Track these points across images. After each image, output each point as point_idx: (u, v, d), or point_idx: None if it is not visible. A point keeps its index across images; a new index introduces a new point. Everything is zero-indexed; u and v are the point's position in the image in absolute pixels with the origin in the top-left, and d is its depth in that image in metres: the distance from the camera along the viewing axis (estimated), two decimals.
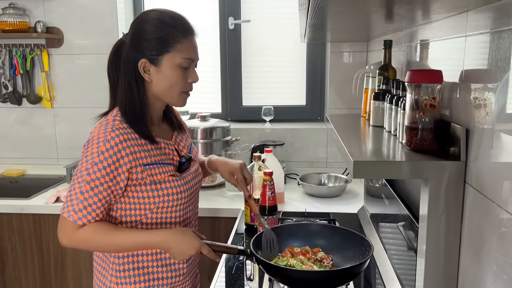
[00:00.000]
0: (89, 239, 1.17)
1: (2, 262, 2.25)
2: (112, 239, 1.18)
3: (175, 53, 1.20)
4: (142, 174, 1.20)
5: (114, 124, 1.19)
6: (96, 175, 1.15)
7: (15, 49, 2.62)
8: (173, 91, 1.24)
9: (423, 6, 0.93)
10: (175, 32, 1.21)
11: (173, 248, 1.20)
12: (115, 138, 1.16)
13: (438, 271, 0.98)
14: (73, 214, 1.15)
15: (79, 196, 1.15)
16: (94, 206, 1.16)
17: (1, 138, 2.77)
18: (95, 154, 1.15)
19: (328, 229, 1.48)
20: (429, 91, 0.98)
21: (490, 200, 0.82)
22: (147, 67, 1.21)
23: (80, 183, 1.15)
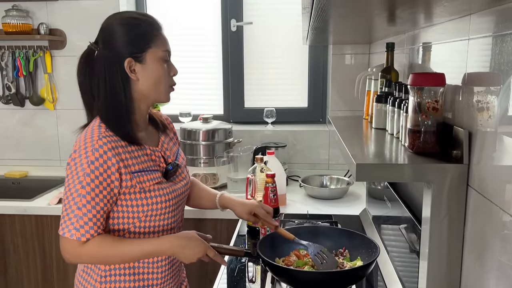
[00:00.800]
0: (95, 254, 1.15)
1: (5, 263, 2.26)
2: (118, 251, 1.16)
3: (156, 47, 1.21)
4: (132, 182, 1.18)
5: (100, 132, 1.17)
6: (90, 187, 1.12)
7: (18, 51, 2.63)
8: (160, 86, 1.23)
9: (426, 10, 0.93)
10: (151, 27, 1.22)
11: (179, 254, 1.20)
12: (103, 146, 1.14)
13: (441, 274, 0.98)
14: (75, 232, 1.13)
15: (78, 213, 1.12)
16: (94, 220, 1.14)
17: (4, 139, 2.78)
18: (85, 165, 1.12)
19: (334, 230, 1.48)
20: (431, 94, 0.99)
21: (493, 203, 0.82)
22: (133, 66, 1.20)
23: (75, 198, 1.12)
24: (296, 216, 1.91)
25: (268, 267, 1.25)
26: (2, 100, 2.71)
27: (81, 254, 1.15)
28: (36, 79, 2.70)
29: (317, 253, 1.29)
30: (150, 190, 1.21)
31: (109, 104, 1.20)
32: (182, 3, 2.75)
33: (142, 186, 1.20)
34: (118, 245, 1.17)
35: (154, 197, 1.22)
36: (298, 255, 1.33)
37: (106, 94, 1.20)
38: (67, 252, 1.16)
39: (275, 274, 1.25)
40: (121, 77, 1.19)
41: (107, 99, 1.20)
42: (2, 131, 2.77)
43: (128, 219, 1.22)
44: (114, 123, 1.19)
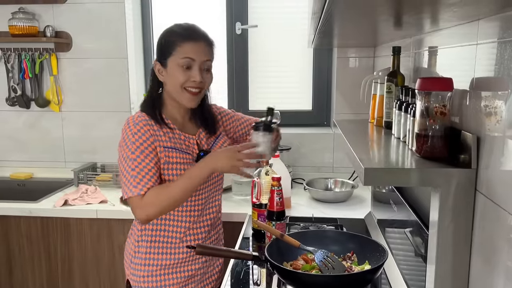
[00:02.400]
0: (158, 198, 1.34)
1: (10, 265, 2.27)
2: (174, 186, 1.35)
3: (176, 56, 1.40)
4: (161, 154, 1.39)
5: (140, 114, 1.44)
6: (138, 151, 1.35)
7: (24, 53, 2.65)
8: (176, 88, 1.42)
9: (435, 15, 0.93)
10: (177, 38, 1.41)
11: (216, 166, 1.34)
12: (140, 123, 1.39)
13: (448, 279, 0.98)
14: (134, 189, 1.33)
15: (132, 173, 1.34)
16: (147, 176, 1.34)
17: (9, 141, 2.79)
18: (130, 136, 1.37)
19: (342, 235, 1.49)
20: (439, 98, 0.99)
21: (501, 208, 0.82)
22: (160, 69, 1.44)
23: (128, 163, 1.35)
24: (301, 219, 1.92)
25: (276, 271, 1.25)
26: (8, 102, 2.72)
27: (146, 204, 1.34)
28: (42, 81, 2.72)
29: (323, 258, 1.29)
30: (177, 168, 1.41)
31: (147, 97, 1.51)
32: (188, 6, 2.76)
33: (169, 161, 1.40)
34: (171, 184, 1.36)
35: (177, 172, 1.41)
36: (306, 259, 1.33)
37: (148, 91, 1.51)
38: (136, 209, 1.36)
39: (283, 278, 1.26)
40: (153, 77, 1.48)
41: (147, 94, 1.51)
42: (8, 132, 2.78)
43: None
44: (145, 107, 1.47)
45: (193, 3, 2.75)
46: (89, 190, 2.36)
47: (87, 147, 2.73)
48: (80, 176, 2.56)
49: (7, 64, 2.68)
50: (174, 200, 1.37)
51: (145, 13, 2.80)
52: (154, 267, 1.49)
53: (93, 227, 2.18)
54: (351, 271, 1.27)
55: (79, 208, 2.17)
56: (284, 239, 1.36)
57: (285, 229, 1.67)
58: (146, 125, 1.39)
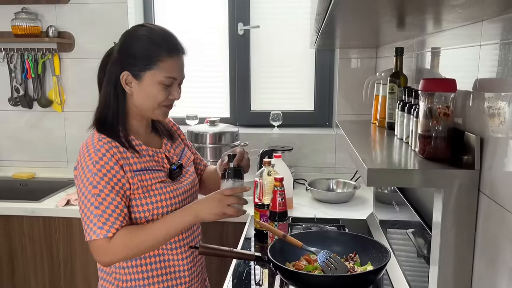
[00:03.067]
0: (126, 243, 1.16)
1: (12, 265, 2.27)
2: (148, 233, 1.18)
3: (157, 71, 1.20)
4: (133, 180, 1.19)
5: (100, 136, 1.21)
6: (101, 184, 1.14)
7: (27, 53, 2.65)
8: (151, 105, 1.24)
9: (439, 16, 0.93)
10: (160, 51, 1.20)
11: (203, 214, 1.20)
12: (104, 146, 1.17)
13: (451, 279, 0.98)
14: (99, 232, 1.14)
15: (96, 212, 1.14)
16: (115, 214, 1.15)
17: (12, 141, 2.80)
18: (90, 166, 1.15)
19: (344, 235, 1.49)
20: (442, 99, 0.99)
21: (504, 209, 0.82)
22: (129, 79, 1.22)
23: (90, 200, 1.15)
24: (303, 220, 1.92)
25: (279, 272, 1.25)
26: (11, 102, 2.73)
27: (113, 249, 1.15)
28: (44, 81, 2.72)
29: (326, 259, 1.30)
30: (153, 189, 1.23)
31: (102, 106, 1.25)
32: (190, 7, 2.76)
33: (144, 185, 1.21)
34: (145, 228, 1.18)
35: (158, 195, 1.23)
36: (309, 260, 1.33)
37: (102, 96, 1.25)
38: (99, 254, 1.17)
39: (286, 278, 1.26)
40: (116, 87, 1.23)
41: (102, 101, 1.25)
42: (10, 132, 2.79)
43: (136, 220, 1.22)
44: (105, 130, 1.22)
45: (195, 3, 2.75)
46: None
47: None
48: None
49: (9, 64, 2.69)
50: (145, 247, 1.19)
51: (148, 14, 2.81)
52: None
53: None
54: (353, 272, 1.27)
55: None
56: (286, 240, 1.36)
57: (287, 229, 1.67)
58: (111, 149, 1.18)
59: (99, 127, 1.23)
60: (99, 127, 1.23)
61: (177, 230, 1.21)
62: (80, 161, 1.19)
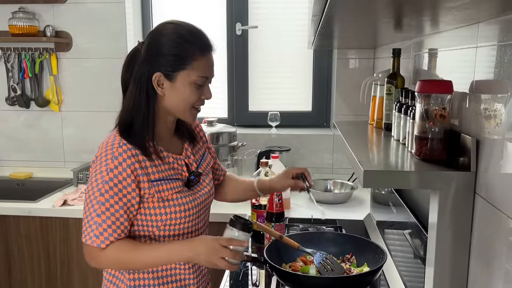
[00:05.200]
0: (114, 259, 1.16)
1: (9, 265, 2.27)
2: (135, 257, 1.16)
3: (191, 70, 1.16)
4: (150, 190, 1.16)
5: (121, 141, 1.16)
6: (109, 194, 1.12)
7: (24, 53, 2.65)
8: (184, 106, 1.20)
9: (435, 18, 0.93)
10: (193, 49, 1.16)
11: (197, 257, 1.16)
12: (123, 154, 1.13)
13: (447, 281, 0.98)
14: (95, 239, 1.14)
15: (97, 220, 1.13)
16: (113, 227, 1.13)
17: (8, 140, 2.79)
18: (104, 172, 1.12)
19: (341, 236, 1.49)
20: (439, 101, 0.99)
21: (500, 211, 0.82)
22: (161, 81, 1.17)
23: (95, 206, 1.13)
24: (300, 220, 1.92)
25: (275, 273, 1.25)
26: (8, 102, 2.72)
27: (102, 259, 1.16)
28: (42, 81, 2.72)
29: (322, 260, 1.29)
30: (168, 200, 1.19)
31: (129, 109, 1.18)
32: (188, 7, 2.76)
33: (160, 196, 1.17)
34: (134, 251, 1.16)
35: (173, 206, 1.20)
36: (305, 261, 1.33)
37: (130, 99, 1.18)
38: (90, 258, 1.18)
39: (282, 279, 1.26)
40: (147, 89, 1.17)
41: (129, 104, 1.19)
42: (7, 132, 2.78)
43: (148, 227, 1.20)
44: (129, 135, 1.17)
45: (193, 3, 2.75)
46: None
47: (86, 147, 2.72)
48: (80, 176, 2.55)
49: (7, 64, 2.68)
50: (132, 268, 1.20)
51: (145, 13, 2.80)
52: None
53: None
54: (350, 273, 1.27)
55: (78, 208, 2.17)
56: (283, 241, 1.36)
57: (284, 230, 1.67)
58: (129, 158, 1.13)
59: (122, 131, 1.18)
60: (122, 131, 1.18)
61: (167, 263, 1.20)
62: (96, 161, 1.16)
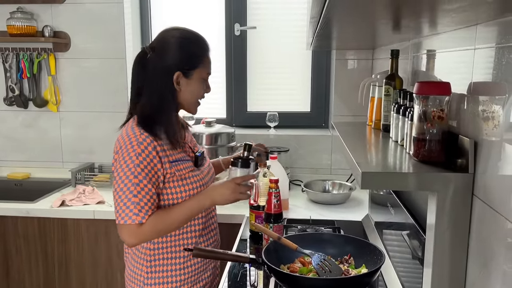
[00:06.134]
0: (156, 227, 1.30)
1: (7, 265, 2.26)
2: (172, 217, 1.32)
3: (203, 68, 1.38)
4: (171, 170, 1.33)
5: (140, 129, 1.32)
6: (143, 174, 1.27)
7: (23, 53, 2.64)
8: (194, 99, 1.42)
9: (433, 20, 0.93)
10: (203, 50, 1.39)
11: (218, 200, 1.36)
12: (146, 139, 1.30)
13: (445, 282, 0.98)
14: (135, 217, 1.27)
15: (134, 200, 1.27)
16: (149, 203, 1.29)
17: (7, 140, 2.79)
18: (134, 158, 1.27)
19: (339, 238, 1.49)
20: (437, 102, 0.99)
21: (498, 213, 0.82)
22: (180, 78, 1.36)
23: (130, 188, 1.27)
24: (298, 221, 1.92)
25: (273, 274, 1.25)
26: (6, 102, 2.71)
27: (144, 232, 1.29)
28: (40, 81, 2.71)
29: (320, 261, 1.29)
30: (186, 178, 1.38)
31: (148, 106, 1.35)
32: (186, 7, 2.76)
33: (180, 174, 1.36)
34: (170, 213, 1.33)
35: (190, 183, 1.38)
36: (303, 262, 1.33)
37: (152, 96, 1.35)
38: (130, 236, 1.29)
39: (280, 281, 1.26)
40: (168, 86, 1.35)
41: (152, 100, 1.35)
42: (5, 132, 2.78)
43: (166, 205, 1.36)
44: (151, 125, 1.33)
45: (192, 4, 2.75)
46: (86, 190, 2.35)
47: (84, 147, 2.72)
48: (78, 177, 2.55)
49: (5, 64, 2.68)
50: (171, 229, 1.36)
51: (144, 14, 2.80)
52: (175, 283, 1.41)
53: (90, 228, 2.17)
54: (348, 275, 1.27)
55: (76, 208, 2.17)
56: (281, 242, 1.36)
57: (282, 231, 1.67)
58: (151, 143, 1.30)
59: (142, 122, 1.33)
60: (142, 122, 1.33)
61: (196, 213, 1.38)
62: (121, 151, 1.30)
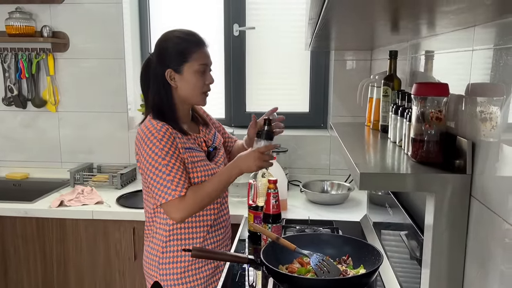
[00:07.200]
0: (197, 198, 1.42)
1: (5, 265, 2.26)
2: (208, 188, 1.44)
3: (193, 61, 1.48)
4: (184, 155, 1.47)
5: (156, 120, 1.48)
6: (169, 156, 1.42)
7: (21, 53, 2.64)
8: (194, 92, 1.51)
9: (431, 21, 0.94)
10: (190, 45, 1.49)
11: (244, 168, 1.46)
12: (163, 127, 1.45)
13: (443, 282, 0.99)
14: (175, 193, 1.40)
15: (169, 178, 1.40)
16: (182, 178, 1.42)
17: (5, 141, 2.78)
18: (157, 143, 1.42)
19: (337, 238, 1.49)
20: (435, 104, 0.99)
21: (495, 214, 0.83)
22: (172, 75, 1.49)
23: (162, 169, 1.41)
24: (297, 221, 1.92)
25: (272, 274, 1.25)
26: (4, 102, 2.71)
27: (187, 205, 1.41)
28: (39, 81, 2.71)
29: (318, 262, 1.30)
30: (198, 166, 1.50)
31: (155, 103, 1.52)
32: (185, 8, 2.76)
33: (192, 160, 1.49)
34: (204, 185, 1.46)
35: (203, 171, 1.51)
36: (302, 263, 1.33)
37: (153, 95, 1.53)
38: (177, 211, 1.41)
39: (279, 281, 1.26)
40: (164, 84, 1.50)
41: (154, 99, 1.53)
42: (4, 132, 2.78)
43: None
44: (162, 117, 1.50)
45: (191, 4, 2.75)
46: (85, 190, 2.35)
47: (83, 147, 2.72)
48: (76, 177, 2.55)
49: (3, 64, 2.67)
50: (210, 198, 1.46)
51: (143, 14, 2.80)
52: (187, 263, 1.54)
53: (89, 228, 2.17)
54: (346, 275, 1.27)
55: (75, 209, 2.17)
56: (279, 242, 1.36)
57: (281, 231, 1.67)
58: (168, 130, 1.46)
59: (155, 115, 1.50)
60: (155, 115, 1.50)
61: (226, 183, 1.48)
62: (144, 141, 1.44)
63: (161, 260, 1.55)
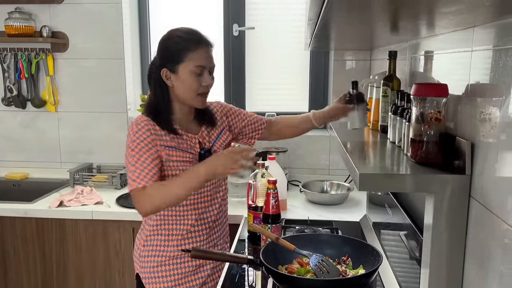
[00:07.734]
0: (157, 192, 1.40)
1: (5, 266, 2.26)
2: (172, 187, 1.40)
3: (188, 62, 1.45)
4: (162, 153, 1.46)
5: (142, 117, 1.49)
6: (138, 148, 1.43)
7: (21, 53, 2.64)
8: (190, 94, 1.48)
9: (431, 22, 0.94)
10: (187, 45, 1.46)
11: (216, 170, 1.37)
12: (141, 123, 1.46)
13: (442, 283, 0.99)
14: (133, 183, 1.41)
15: (131, 168, 1.42)
16: (146, 171, 1.41)
17: (5, 141, 2.78)
18: (132, 136, 1.44)
19: (337, 238, 1.49)
20: (434, 104, 0.99)
21: (495, 215, 0.83)
22: (168, 75, 1.48)
23: (129, 159, 1.43)
24: (296, 222, 1.92)
25: (271, 275, 1.25)
26: (4, 102, 2.71)
27: (146, 197, 1.39)
28: (38, 81, 2.71)
29: (318, 262, 1.30)
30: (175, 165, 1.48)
31: (151, 99, 1.54)
32: (185, 8, 2.76)
33: (169, 159, 1.47)
34: (170, 183, 1.43)
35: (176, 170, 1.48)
36: (301, 263, 1.33)
37: (151, 93, 1.54)
38: (137, 202, 1.42)
39: (278, 282, 1.26)
40: (160, 83, 1.50)
41: (151, 98, 1.54)
42: (3, 132, 2.78)
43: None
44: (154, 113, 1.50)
45: (190, 4, 2.75)
46: (84, 191, 2.35)
47: (83, 147, 2.72)
48: (76, 177, 2.55)
49: (3, 64, 2.67)
50: (175, 195, 1.40)
51: (142, 14, 2.80)
52: (163, 258, 1.55)
53: (89, 228, 2.17)
54: (345, 275, 1.27)
55: (74, 209, 2.16)
56: (279, 243, 1.36)
57: (280, 232, 1.67)
58: (147, 125, 1.46)
59: (147, 112, 1.52)
60: (147, 112, 1.51)
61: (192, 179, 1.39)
62: (128, 135, 1.48)
63: (142, 253, 1.58)
